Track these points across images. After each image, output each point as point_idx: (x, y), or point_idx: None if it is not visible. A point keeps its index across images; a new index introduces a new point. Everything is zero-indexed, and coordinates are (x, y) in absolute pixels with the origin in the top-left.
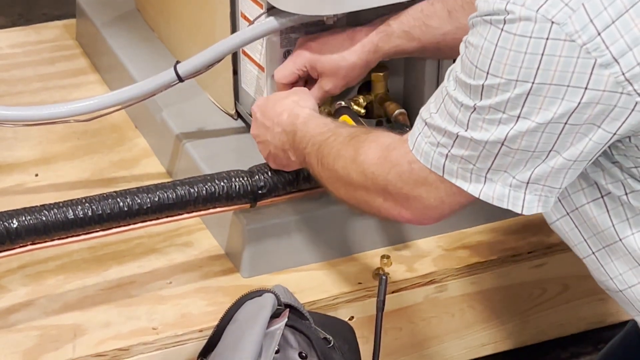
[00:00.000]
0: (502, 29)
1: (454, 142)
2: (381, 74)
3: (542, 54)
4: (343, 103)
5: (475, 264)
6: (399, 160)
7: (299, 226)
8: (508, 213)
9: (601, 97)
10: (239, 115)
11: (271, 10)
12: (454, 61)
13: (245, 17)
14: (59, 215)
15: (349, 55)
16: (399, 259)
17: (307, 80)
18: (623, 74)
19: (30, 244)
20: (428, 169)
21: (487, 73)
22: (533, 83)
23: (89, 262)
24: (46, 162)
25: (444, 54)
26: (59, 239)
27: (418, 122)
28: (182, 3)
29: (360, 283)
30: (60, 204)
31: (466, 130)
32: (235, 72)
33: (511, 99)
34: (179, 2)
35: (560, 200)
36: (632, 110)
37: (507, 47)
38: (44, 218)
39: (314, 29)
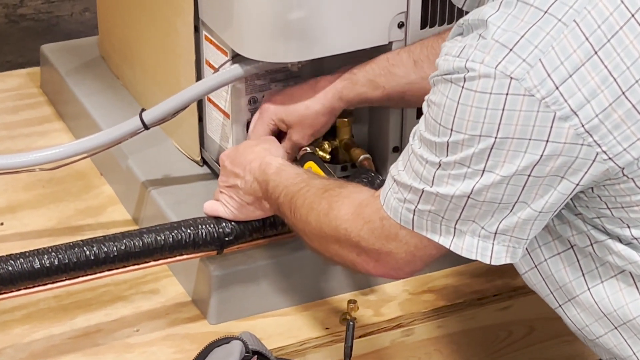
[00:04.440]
0: (462, 87)
1: (420, 197)
2: (346, 119)
3: (503, 109)
4: (308, 149)
5: (441, 307)
6: (371, 217)
7: (266, 272)
8: None
9: (562, 149)
10: (204, 162)
11: (236, 58)
12: (418, 114)
13: (210, 65)
14: (25, 265)
15: (313, 103)
16: (366, 304)
17: (279, 134)
18: (582, 125)
19: None
20: (398, 224)
21: (451, 130)
22: (496, 138)
23: (55, 310)
24: (11, 210)
25: (408, 103)
26: (25, 288)
27: (388, 179)
28: (147, 51)
29: (327, 328)
30: (27, 254)
31: (431, 187)
32: (201, 119)
33: (475, 154)
34: (144, 50)
35: (529, 253)
36: (594, 161)
37: (468, 104)
38: (10, 268)
39: (278, 76)
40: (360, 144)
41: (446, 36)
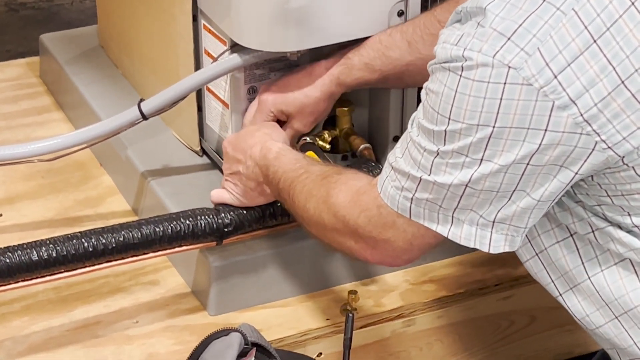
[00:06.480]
0: (460, 75)
1: (418, 186)
2: (346, 109)
3: (501, 99)
4: (308, 139)
5: (442, 297)
6: (368, 205)
7: (265, 263)
8: None
9: (561, 138)
10: (204, 152)
11: (234, 47)
12: (418, 103)
13: (208, 54)
14: (23, 257)
15: (312, 91)
16: (367, 294)
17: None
18: (581, 114)
19: None
20: (395, 212)
21: (449, 119)
22: (494, 127)
23: (54, 302)
24: (10, 201)
25: (406, 83)
26: (23, 280)
27: (385, 166)
28: (146, 40)
29: (328, 319)
30: (25, 245)
31: (429, 175)
32: (200, 109)
33: (473, 143)
34: (143, 40)
35: (530, 241)
36: (593, 149)
37: (466, 93)
38: (8, 260)
39: (277, 66)
40: (361, 133)
41: (437, 13)
